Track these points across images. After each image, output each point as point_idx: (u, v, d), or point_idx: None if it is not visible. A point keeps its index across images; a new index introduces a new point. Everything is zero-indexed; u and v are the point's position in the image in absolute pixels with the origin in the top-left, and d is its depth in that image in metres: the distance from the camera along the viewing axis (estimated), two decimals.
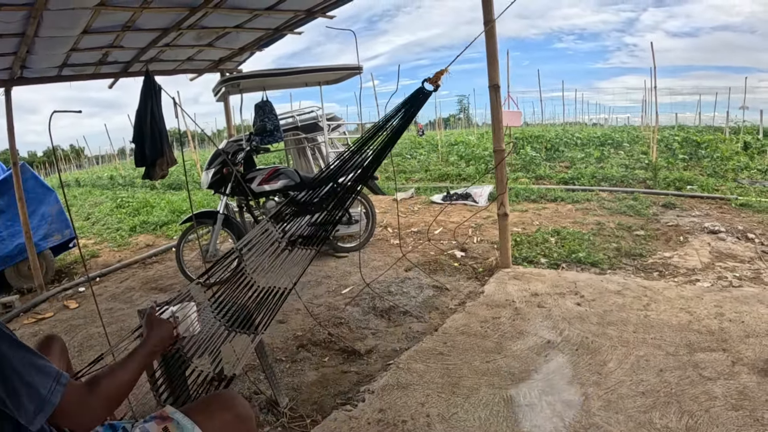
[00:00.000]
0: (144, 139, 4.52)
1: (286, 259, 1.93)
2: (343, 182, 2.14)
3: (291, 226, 2.04)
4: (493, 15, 4.20)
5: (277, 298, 1.86)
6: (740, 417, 2.30)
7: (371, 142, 2.21)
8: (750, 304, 3.49)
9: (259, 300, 1.85)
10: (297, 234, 2.01)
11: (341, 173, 2.18)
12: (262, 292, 1.86)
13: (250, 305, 1.84)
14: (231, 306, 1.85)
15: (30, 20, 3.92)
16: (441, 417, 2.51)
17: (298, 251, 1.95)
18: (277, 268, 1.91)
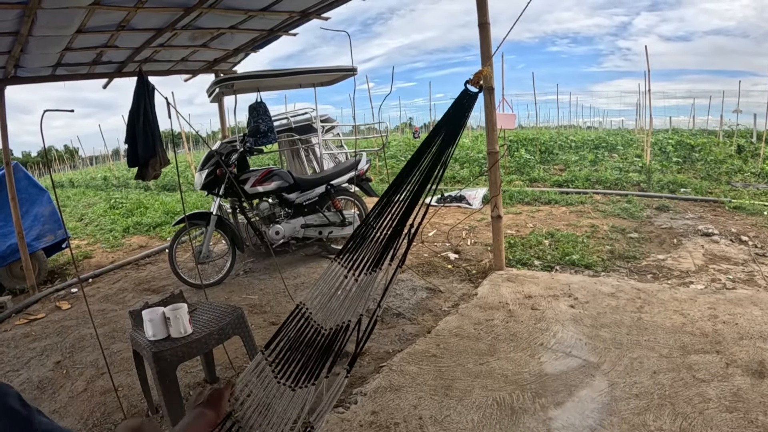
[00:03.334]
0: (137, 139, 4.50)
1: (353, 290, 1.82)
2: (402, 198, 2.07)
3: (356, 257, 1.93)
4: (487, 17, 4.20)
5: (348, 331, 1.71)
6: (734, 419, 2.30)
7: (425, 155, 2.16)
8: (743, 306, 3.50)
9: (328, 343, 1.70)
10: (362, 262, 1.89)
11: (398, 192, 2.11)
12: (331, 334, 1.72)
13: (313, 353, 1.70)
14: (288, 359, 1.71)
15: (24, 19, 3.89)
16: (434, 419, 2.50)
17: (364, 277, 1.83)
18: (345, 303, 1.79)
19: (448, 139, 2.15)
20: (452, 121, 2.21)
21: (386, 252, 1.87)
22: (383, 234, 1.96)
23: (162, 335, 2.51)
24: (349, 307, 1.73)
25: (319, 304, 1.82)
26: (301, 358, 1.67)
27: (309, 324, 1.77)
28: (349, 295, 1.79)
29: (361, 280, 1.81)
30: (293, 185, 5.45)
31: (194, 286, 4.97)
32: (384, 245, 1.90)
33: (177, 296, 2.96)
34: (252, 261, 5.92)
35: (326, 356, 1.62)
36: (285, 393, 1.58)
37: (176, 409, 2.42)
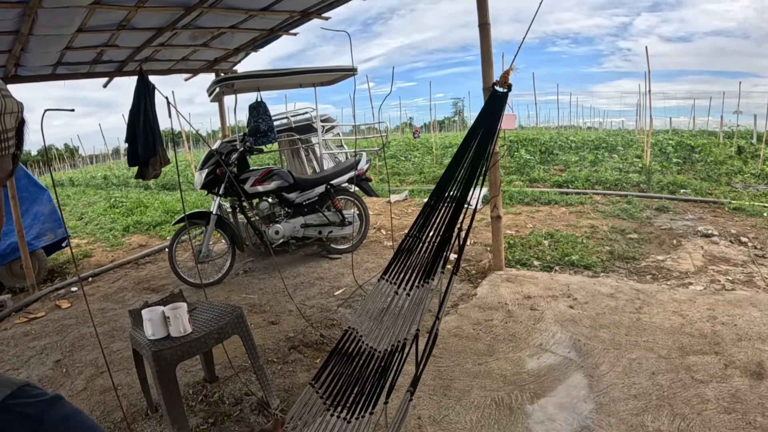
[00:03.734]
0: (137, 138, 4.50)
1: (405, 306, 1.73)
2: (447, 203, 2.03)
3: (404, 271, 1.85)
4: (488, 17, 4.20)
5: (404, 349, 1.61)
6: (732, 420, 2.30)
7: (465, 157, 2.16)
8: (743, 307, 3.50)
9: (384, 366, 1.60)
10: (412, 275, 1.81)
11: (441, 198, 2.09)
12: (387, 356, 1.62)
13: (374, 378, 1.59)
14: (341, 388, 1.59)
15: (25, 18, 3.90)
16: (432, 419, 2.50)
17: (417, 291, 1.74)
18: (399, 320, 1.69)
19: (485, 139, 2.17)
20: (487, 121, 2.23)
21: (437, 260, 1.81)
22: (432, 242, 1.90)
23: (161, 334, 2.52)
24: (403, 324, 1.66)
25: (370, 326, 1.74)
26: (355, 386, 1.57)
27: (360, 348, 1.68)
28: (402, 311, 1.71)
29: (414, 294, 1.74)
30: (293, 185, 5.45)
31: (194, 286, 4.97)
32: (434, 254, 1.84)
33: (176, 295, 2.96)
34: (251, 260, 5.92)
35: (383, 380, 1.53)
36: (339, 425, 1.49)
37: (175, 407, 2.43)
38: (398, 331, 1.65)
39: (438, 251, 1.83)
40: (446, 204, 2.00)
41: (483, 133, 2.17)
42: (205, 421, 2.74)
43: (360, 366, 1.62)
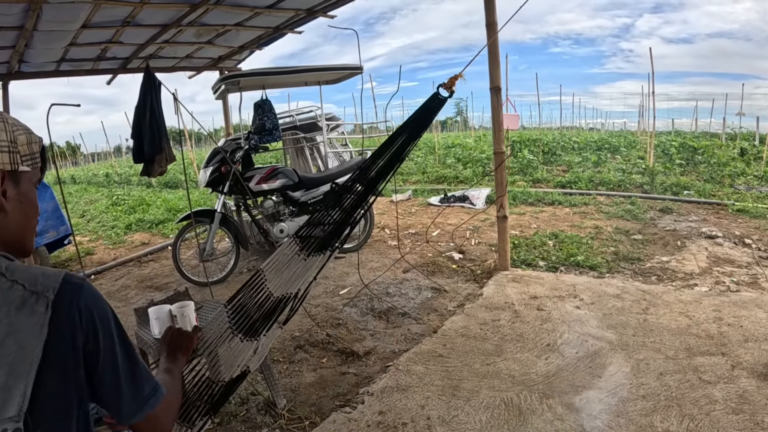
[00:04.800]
0: (143, 135, 4.47)
1: (301, 266, 2.03)
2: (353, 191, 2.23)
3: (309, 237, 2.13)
4: (495, 17, 4.19)
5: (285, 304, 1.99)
6: (740, 421, 2.30)
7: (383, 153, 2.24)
8: (748, 308, 3.50)
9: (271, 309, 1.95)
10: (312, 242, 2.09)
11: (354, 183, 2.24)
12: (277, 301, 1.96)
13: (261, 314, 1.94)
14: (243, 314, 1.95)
15: (29, 13, 3.89)
16: (441, 419, 2.50)
17: (313, 258, 2.04)
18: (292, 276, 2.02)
19: (409, 139, 2.22)
20: (418, 122, 2.27)
21: (332, 238, 2.11)
22: (335, 222, 2.16)
23: None
24: (294, 281, 1.99)
25: (273, 274, 2.04)
26: (252, 316, 1.93)
27: (263, 288, 2.00)
28: (297, 271, 2.02)
29: (309, 260, 2.04)
30: (298, 183, 5.44)
31: (198, 284, 4.96)
32: (331, 232, 2.12)
33: (182, 294, 2.95)
34: (256, 259, 5.91)
35: (270, 318, 1.91)
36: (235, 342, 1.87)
37: None
38: (290, 285, 1.98)
39: (335, 230, 2.12)
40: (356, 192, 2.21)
41: (410, 133, 2.21)
42: (211, 420, 2.72)
43: (259, 303, 1.96)
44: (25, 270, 0.86)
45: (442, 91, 2.26)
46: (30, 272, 0.86)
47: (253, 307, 1.97)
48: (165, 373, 1.32)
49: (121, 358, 0.94)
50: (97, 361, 0.90)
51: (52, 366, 0.83)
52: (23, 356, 0.80)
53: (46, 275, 0.86)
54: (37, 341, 0.81)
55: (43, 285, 0.84)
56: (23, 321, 0.81)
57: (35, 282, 0.84)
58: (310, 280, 2.02)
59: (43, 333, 0.81)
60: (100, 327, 0.90)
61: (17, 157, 0.91)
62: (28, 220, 0.97)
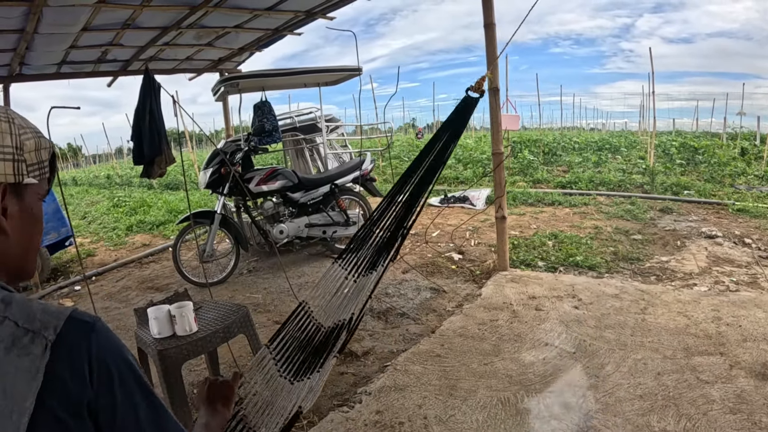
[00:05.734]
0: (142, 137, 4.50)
1: (353, 290, 1.91)
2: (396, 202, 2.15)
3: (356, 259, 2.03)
4: (493, 18, 4.20)
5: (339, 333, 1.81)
6: (738, 420, 2.30)
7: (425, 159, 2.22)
8: (747, 308, 3.50)
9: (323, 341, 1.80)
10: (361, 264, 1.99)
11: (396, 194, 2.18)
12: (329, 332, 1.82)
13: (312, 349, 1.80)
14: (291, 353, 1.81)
15: (30, 16, 3.91)
16: (438, 419, 2.50)
17: (362, 279, 1.92)
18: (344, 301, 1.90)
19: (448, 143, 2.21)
20: (454, 125, 2.27)
21: (382, 254, 1.98)
22: (382, 238, 2.05)
23: (167, 333, 2.52)
24: (346, 306, 1.85)
25: (320, 303, 1.92)
26: (302, 353, 1.78)
27: (310, 321, 1.87)
28: (348, 295, 1.90)
29: (359, 282, 1.92)
30: (298, 184, 5.45)
31: (198, 285, 4.98)
32: (381, 249, 2.00)
33: (182, 294, 2.96)
34: (256, 260, 5.93)
35: (324, 351, 1.74)
36: (285, 386, 1.70)
37: (180, 407, 2.43)
38: (341, 312, 1.85)
39: (384, 247, 2.00)
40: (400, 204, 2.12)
41: (447, 138, 2.21)
42: None
43: (308, 337, 1.83)
44: (22, 304, 0.72)
45: (472, 93, 2.28)
46: (28, 307, 0.72)
47: (302, 343, 1.82)
48: (201, 429, 1.16)
49: (144, 414, 0.76)
50: (113, 418, 0.73)
51: (49, 422, 0.67)
52: (9, 407, 0.64)
53: (47, 311, 0.72)
54: (29, 390, 0.65)
55: (42, 322, 0.70)
56: (12, 364, 0.66)
57: (32, 319, 0.70)
58: (363, 301, 1.86)
59: (37, 380, 0.66)
60: (116, 378, 0.73)
61: (23, 167, 0.76)
62: (32, 240, 0.83)
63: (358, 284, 1.93)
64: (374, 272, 1.93)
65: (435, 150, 2.22)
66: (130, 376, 0.75)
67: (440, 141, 2.23)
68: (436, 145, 2.23)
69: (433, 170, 2.18)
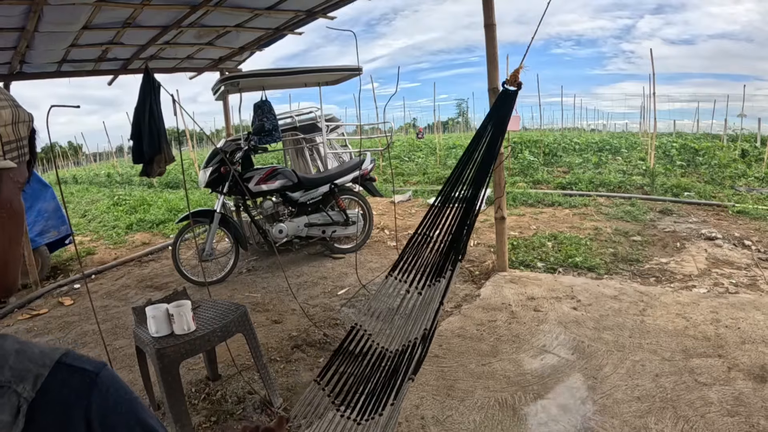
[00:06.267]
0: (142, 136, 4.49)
1: (417, 305, 1.72)
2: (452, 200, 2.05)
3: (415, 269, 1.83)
4: (494, 18, 4.20)
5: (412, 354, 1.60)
6: (736, 423, 2.30)
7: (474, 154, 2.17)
8: (746, 310, 3.49)
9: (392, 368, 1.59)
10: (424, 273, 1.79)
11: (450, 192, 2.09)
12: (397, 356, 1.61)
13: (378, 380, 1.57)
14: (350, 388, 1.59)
15: (30, 15, 3.91)
16: (436, 419, 2.50)
17: (428, 290, 1.73)
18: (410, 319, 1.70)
19: (494, 139, 2.19)
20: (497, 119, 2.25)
21: (449, 258, 1.79)
22: (443, 241, 1.88)
23: (165, 332, 2.52)
24: (414, 323, 1.64)
25: (380, 325, 1.70)
26: (366, 386, 1.54)
27: (370, 347, 1.66)
28: (414, 310, 1.70)
29: (426, 293, 1.72)
30: (297, 184, 5.45)
31: (197, 284, 4.98)
32: (446, 252, 1.82)
33: (180, 293, 2.96)
34: (255, 259, 5.93)
35: (393, 380, 1.50)
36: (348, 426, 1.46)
37: (178, 405, 2.43)
38: (410, 330, 1.62)
39: (449, 249, 1.82)
40: (456, 203, 2.00)
41: (492, 133, 2.18)
42: (208, 419, 2.74)
43: (371, 365, 1.59)
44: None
45: (509, 87, 2.27)
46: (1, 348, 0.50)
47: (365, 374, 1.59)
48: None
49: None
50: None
51: None
52: None
53: (23, 355, 0.50)
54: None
55: (15, 372, 0.48)
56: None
57: (2, 365, 0.48)
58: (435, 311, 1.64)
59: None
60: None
61: None
62: (12, 243, 0.59)
63: (424, 296, 1.72)
64: (443, 279, 1.73)
65: (482, 145, 2.17)
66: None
67: (485, 137, 2.19)
68: (482, 142, 2.18)
69: (486, 164, 2.11)
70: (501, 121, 2.21)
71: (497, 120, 2.22)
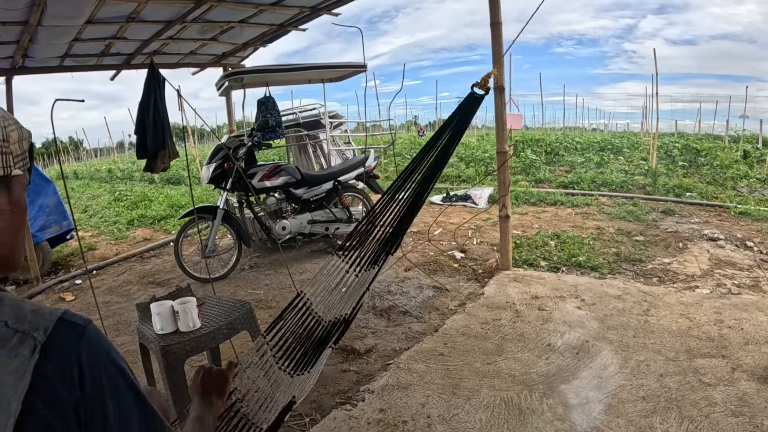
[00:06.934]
0: (146, 130, 4.49)
1: (354, 285, 1.92)
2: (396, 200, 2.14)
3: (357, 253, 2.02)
4: (500, 16, 4.19)
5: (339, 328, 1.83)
6: (740, 423, 2.30)
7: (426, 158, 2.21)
8: (749, 311, 3.50)
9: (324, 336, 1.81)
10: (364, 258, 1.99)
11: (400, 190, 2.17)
12: (329, 326, 1.83)
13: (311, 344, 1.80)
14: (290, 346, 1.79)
15: (33, 8, 3.89)
16: (442, 418, 2.50)
17: (363, 274, 1.94)
18: (345, 296, 1.90)
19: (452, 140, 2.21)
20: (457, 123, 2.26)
21: (385, 249, 1.99)
22: (385, 231, 2.05)
23: (170, 329, 2.51)
24: (348, 300, 1.86)
25: (321, 297, 1.90)
26: (301, 347, 1.77)
27: (310, 315, 1.85)
28: (349, 289, 1.90)
29: (361, 276, 1.92)
30: (300, 181, 5.44)
31: (199, 280, 4.97)
32: (384, 243, 2.01)
33: (184, 290, 2.96)
34: (258, 256, 5.92)
35: (324, 346, 1.76)
36: (284, 380, 1.70)
37: (183, 403, 2.42)
38: (343, 306, 1.85)
39: (387, 242, 2.01)
40: (404, 199, 2.12)
41: (450, 136, 2.21)
42: None
43: (308, 330, 1.81)
44: (13, 304, 0.72)
45: (477, 90, 2.27)
46: (19, 307, 0.72)
47: (302, 337, 1.81)
48: (195, 422, 1.14)
49: (134, 422, 0.77)
50: (104, 426, 0.72)
51: (37, 425, 0.66)
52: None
53: (38, 313, 0.71)
54: (15, 392, 0.64)
55: (32, 323, 0.69)
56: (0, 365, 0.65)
57: (22, 319, 0.70)
58: (361, 295, 1.88)
59: (24, 382, 0.65)
60: (106, 384, 0.73)
61: (10, 159, 0.75)
62: (20, 232, 0.82)
63: (360, 279, 1.93)
64: (376, 267, 1.95)
65: (438, 147, 2.22)
66: (122, 385, 0.76)
67: (443, 139, 2.23)
68: (439, 143, 2.22)
69: (435, 168, 2.19)
70: (461, 125, 2.24)
71: (459, 122, 2.25)
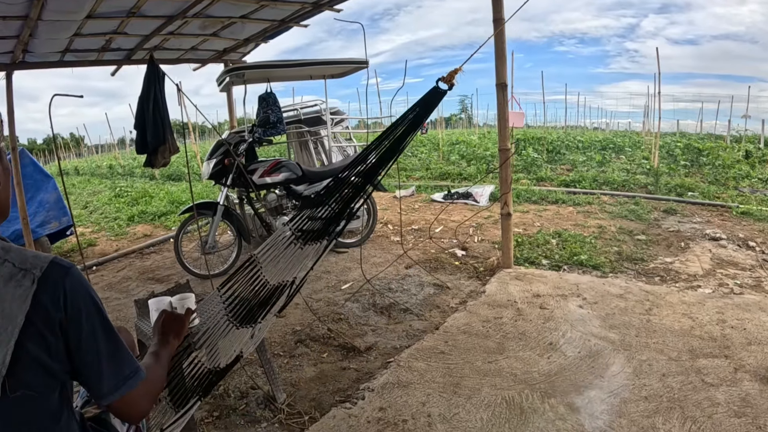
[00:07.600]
0: (146, 126, 4.46)
1: (297, 255, 2.08)
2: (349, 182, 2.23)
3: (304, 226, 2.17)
4: (503, 13, 4.16)
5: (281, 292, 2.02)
6: (743, 424, 2.29)
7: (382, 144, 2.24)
8: (752, 311, 3.48)
9: (267, 297, 2.00)
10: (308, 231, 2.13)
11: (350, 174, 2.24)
12: (273, 289, 2.02)
13: (257, 302, 2.00)
14: (239, 302, 2.02)
15: (34, 3, 3.87)
16: (442, 417, 2.48)
17: (309, 247, 2.10)
18: (288, 264, 2.07)
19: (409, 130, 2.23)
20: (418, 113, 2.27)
21: (329, 228, 2.14)
22: (332, 211, 2.18)
23: None
24: (291, 269, 2.05)
25: (269, 261, 2.07)
26: (248, 304, 2.00)
27: (258, 276, 2.05)
28: (292, 259, 2.07)
29: (305, 249, 2.09)
30: (301, 177, 5.42)
31: (199, 277, 4.95)
32: (327, 222, 2.15)
33: (183, 286, 2.93)
34: None
35: (266, 305, 1.97)
36: (231, 330, 1.93)
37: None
38: (287, 273, 2.03)
39: (332, 222, 2.15)
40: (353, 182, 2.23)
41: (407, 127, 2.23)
42: (210, 414, 2.72)
43: (255, 289, 2.01)
44: (18, 251, 0.97)
45: (442, 84, 2.27)
46: (22, 253, 0.97)
47: (249, 294, 2.03)
48: (151, 356, 1.38)
49: (102, 340, 1.03)
50: (79, 340, 0.99)
51: (34, 335, 0.92)
52: (5, 323, 0.90)
53: (36, 256, 0.98)
54: (20, 311, 0.91)
55: (32, 264, 0.95)
56: (9, 292, 0.91)
57: (25, 261, 0.96)
58: (307, 268, 2.07)
59: (26, 304, 0.91)
60: (83, 309, 0.99)
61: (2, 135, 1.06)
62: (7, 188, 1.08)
63: (304, 251, 2.08)
64: (318, 243, 2.10)
65: (394, 136, 2.25)
66: (93, 311, 1.02)
67: (400, 128, 2.25)
68: (395, 132, 2.25)
69: (387, 158, 2.24)
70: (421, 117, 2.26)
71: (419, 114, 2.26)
